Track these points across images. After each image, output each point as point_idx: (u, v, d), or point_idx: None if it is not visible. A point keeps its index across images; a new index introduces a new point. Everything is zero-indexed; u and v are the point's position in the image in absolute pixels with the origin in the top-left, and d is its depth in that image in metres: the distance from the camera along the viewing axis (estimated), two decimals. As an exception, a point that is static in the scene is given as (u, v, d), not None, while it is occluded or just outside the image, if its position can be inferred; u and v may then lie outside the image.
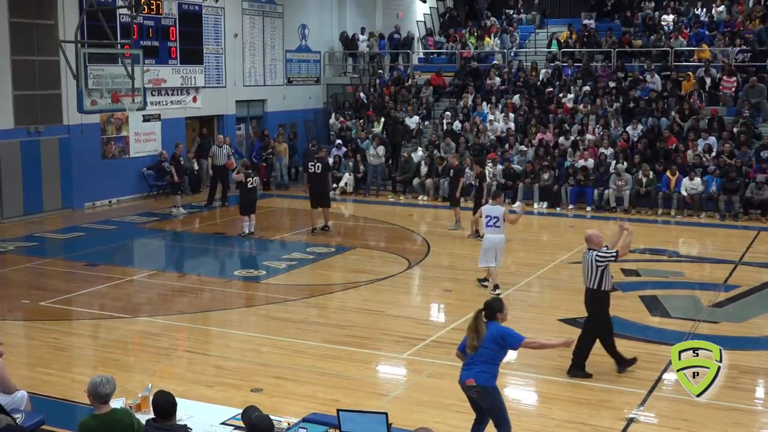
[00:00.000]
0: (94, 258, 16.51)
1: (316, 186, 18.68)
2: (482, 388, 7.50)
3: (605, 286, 10.07)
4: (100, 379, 6.32)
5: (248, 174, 18.06)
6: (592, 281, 10.04)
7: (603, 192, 21.85)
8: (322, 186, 18.72)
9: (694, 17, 28.91)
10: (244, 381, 9.91)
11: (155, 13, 23.28)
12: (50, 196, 20.87)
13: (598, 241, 10.17)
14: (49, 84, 20.60)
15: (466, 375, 7.54)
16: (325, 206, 18.85)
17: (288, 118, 28.17)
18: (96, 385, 6.29)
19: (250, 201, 18.13)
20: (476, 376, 7.48)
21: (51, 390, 9.60)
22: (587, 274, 10.09)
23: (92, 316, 12.97)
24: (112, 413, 6.36)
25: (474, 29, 31.23)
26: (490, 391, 7.54)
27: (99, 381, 6.31)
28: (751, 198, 20.57)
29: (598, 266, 9.94)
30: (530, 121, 25.11)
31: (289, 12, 28.60)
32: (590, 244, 10.15)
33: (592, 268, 9.98)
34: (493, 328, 7.55)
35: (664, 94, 24.86)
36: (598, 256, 9.94)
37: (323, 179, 18.76)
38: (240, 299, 14.16)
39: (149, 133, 23.62)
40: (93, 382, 6.32)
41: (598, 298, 10.11)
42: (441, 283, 14.77)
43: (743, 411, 9.21)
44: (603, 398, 9.50)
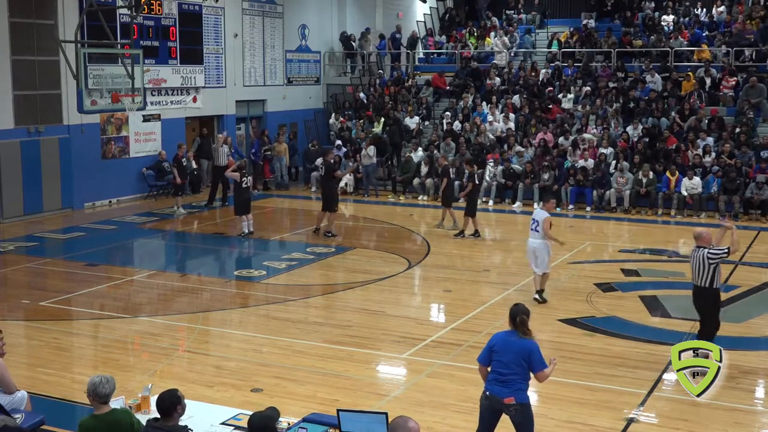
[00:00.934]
0: (94, 258, 16.52)
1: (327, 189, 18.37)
2: (521, 406, 7.22)
3: (716, 284, 10.08)
4: (99, 379, 6.33)
5: (242, 174, 18.07)
6: (703, 279, 10.05)
7: (603, 192, 21.85)
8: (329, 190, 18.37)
9: (694, 17, 28.90)
10: (244, 381, 9.91)
11: (155, 13, 23.28)
12: (50, 196, 20.87)
13: (707, 238, 10.19)
14: (49, 84, 20.60)
15: (504, 392, 7.17)
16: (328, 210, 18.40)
17: (288, 118, 28.17)
18: (96, 384, 6.30)
19: (245, 201, 18.13)
20: (515, 394, 7.17)
21: (51, 390, 9.60)
22: (698, 272, 10.08)
23: (92, 316, 12.97)
24: (111, 413, 6.37)
25: (474, 29, 31.25)
26: (528, 408, 7.31)
27: (98, 381, 6.31)
28: (751, 198, 20.57)
29: (710, 263, 9.95)
30: (530, 121, 25.12)
31: (289, 12, 28.60)
32: (700, 242, 10.16)
33: (704, 266, 9.98)
34: (520, 340, 7.26)
35: (664, 94, 24.87)
36: (710, 253, 9.96)
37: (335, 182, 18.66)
38: (240, 299, 14.16)
39: (149, 133, 23.62)
40: (92, 381, 6.32)
41: (710, 296, 10.13)
42: (441, 284, 14.77)
43: (743, 411, 9.21)
44: (603, 398, 9.49)
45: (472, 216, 18.32)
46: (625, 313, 12.82)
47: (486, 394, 7.26)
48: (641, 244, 18.27)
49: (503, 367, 7.20)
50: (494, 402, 7.23)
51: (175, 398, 6.20)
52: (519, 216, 21.90)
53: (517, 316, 7.31)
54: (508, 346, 7.23)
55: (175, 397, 6.20)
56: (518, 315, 7.31)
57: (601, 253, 17.38)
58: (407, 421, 5.38)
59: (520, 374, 7.19)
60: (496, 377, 7.25)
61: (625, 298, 13.64)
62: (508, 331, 7.36)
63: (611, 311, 12.91)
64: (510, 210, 22.36)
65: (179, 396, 6.22)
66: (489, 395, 7.25)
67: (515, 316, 7.32)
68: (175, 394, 6.24)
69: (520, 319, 7.29)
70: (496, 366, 7.25)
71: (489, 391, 7.24)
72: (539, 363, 7.22)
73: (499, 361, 7.24)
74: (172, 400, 6.20)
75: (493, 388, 7.23)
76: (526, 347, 7.21)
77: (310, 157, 25.76)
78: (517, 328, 7.29)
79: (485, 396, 7.28)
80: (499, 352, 7.26)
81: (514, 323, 7.31)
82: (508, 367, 7.19)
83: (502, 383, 7.20)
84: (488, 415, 7.33)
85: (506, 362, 7.19)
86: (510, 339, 7.28)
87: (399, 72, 29.69)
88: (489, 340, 7.45)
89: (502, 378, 7.21)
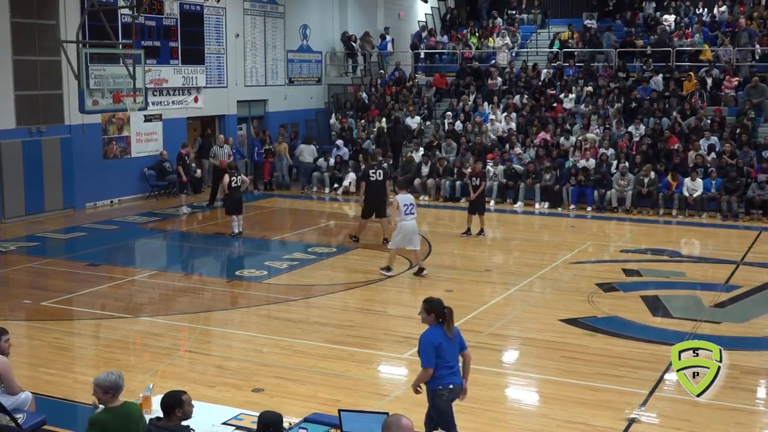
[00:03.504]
0: (95, 258, 16.52)
1: (377, 194, 17.58)
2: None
3: None
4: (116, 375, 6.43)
5: (232, 173, 18.07)
6: None
7: (604, 192, 21.85)
8: (382, 195, 17.80)
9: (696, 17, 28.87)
10: (246, 381, 9.91)
11: (157, 13, 23.29)
12: (52, 196, 20.88)
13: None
14: (50, 84, 20.61)
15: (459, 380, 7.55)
16: (382, 215, 17.71)
17: (289, 118, 28.17)
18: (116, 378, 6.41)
19: (236, 201, 18.12)
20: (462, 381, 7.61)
21: (53, 390, 9.61)
22: None
23: (94, 316, 12.98)
24: (124, 405, 6.46)
25: (475, 29, 31.26)
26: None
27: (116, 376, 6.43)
28: (752, 198, 20.56)
29: None
30: (532, 121, 25.13)
31: (291, 12, 28.61)
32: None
33: None
34: (456, 330, 7.62)
35: (666, 94, 24.86)
36: None
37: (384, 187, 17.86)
38: (241, 299, 14.16)
39: (151, 133, 23.62)
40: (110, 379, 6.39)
41: None
42: (442, 284, 14.74)
43: (745, 411, 9.21)
44: (604, 398, 9.49)
45: (481, 214, 18.35)
46: (626, 313, 12.82)
47: (450, 387, 7.48)
48: (643, 244, 18.27)
49: (452, 358, 7.51)
50: (457, 392, 7.57)
51: (176, 400, 6.20)
52: (520, 216, 21.91)
53: (444, 308, 7.55)
54: (450, 339, 7.49)
55: (175, 399, 6.21)
56: (444, 308, 7.56)
57: (603, 253, 17.38)
58: (400, 419, 5.38)
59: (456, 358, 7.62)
60: (450, 371, 7.49)
61: (627, 298, 13.64)
62: (437, 326, 7.52)
63: (613, 311, 12.90)
64: (511, 210, 22.35)
65: (181, 399, 6.21)
66: (453, 387, 7.51)
67: (442, 309, 7.55)
68: (176, 396, 6.24)
69: (448, 311, 7.56)
70: (447, 361, 7.46)
71: (452, 384, 7.50)
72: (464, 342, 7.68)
73: (448, 355, 7.47)
74: (172, 401, 6.20)
75: (454, 380, 7.51)
76: (459, 333, 7.65)
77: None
78: (446, 319, 7.54)
79: (449, 390, 7.49)
80: (444, 348, 7.46)
81: (443, 316, 7.53)
82: (454, 357, 7.54)
83: (456, 374, 7.54)
84: (450, 407, 7.63)
85: (453, 353, 7.52)
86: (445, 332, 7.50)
87: (400, 72, 29.69)
88: (424, 343, 7.45)
89: (455, 369, 7.54)
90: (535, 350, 11.31)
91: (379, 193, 17.66)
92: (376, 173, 17.56)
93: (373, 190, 17.49)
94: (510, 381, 10.42)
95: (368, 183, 17.46)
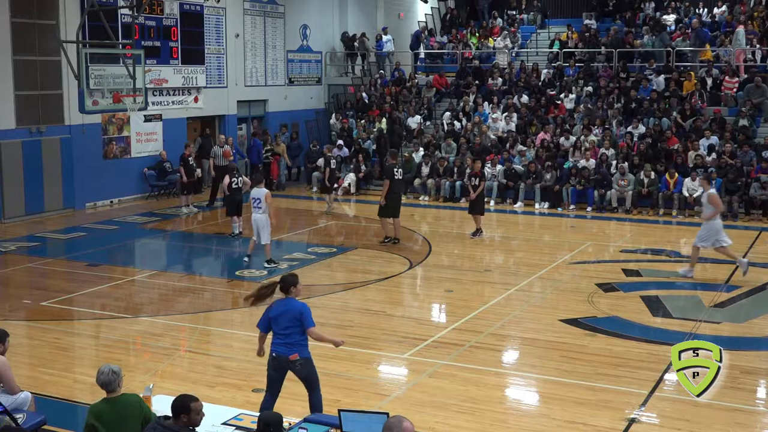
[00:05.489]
0: (95, 258, 16.52)
1: (397, 194, 17.63)
2: (305, 360, 8.13)
3: None
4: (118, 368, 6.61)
5: (233, 174, 18.08)
6: None
7: (604, 192, 21.85)
8: (400, 195, 17.94)
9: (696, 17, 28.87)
10: (246, 381, 9.91)
11: (157, 14, 23.29)
12: (52, 196, 20.88)
13: None
14: (50, 84, 20.61)
15: (288, 351, 8.06)
16: (397, 216, 17.70)
17: (289, 118, 28.19)
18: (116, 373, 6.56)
19: (236, 202, 18.12)
20: (299, 350, 8.09)
21: (52, 390, 9.61)
22: None
23: (94, 316, 12.98)
24: (122, 396, 6.58)
25: (475, 29, 31.26)
26: (310, 362, 8.20)
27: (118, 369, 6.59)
28: (753, 198, 20.55)
29: None
30: (531, 121, 25.13)
31: (291, 12, 28.61)
32: None
33: None
34: (291, 303, 8.13)
35: (666, 94, 24.86)
36: None
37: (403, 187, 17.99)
38: (241, 299, 14.13)
39: (151, 133, 23.62)
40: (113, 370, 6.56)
41: None
42: (442, 284, 14.77)
43: (745, 411, 9.20)
44: (604, 398, 9.49)
45: (480, 214, 18.35)
46: (626, 313, 12.82)
47: (273, 355, 8.14)
48: (642, 244, 18.27)
49: (283, 330, 8.07)
50: (281, 361, 8.10)
51: (183, 406, 6.17)
52: (520, 216, 21.91)
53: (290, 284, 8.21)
54: (284, 312, 8.10)
55: (183, 405, 6.18)
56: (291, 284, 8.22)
57: (603, 254, 17.38)
58: (401, 421, 5.37)
59: (297, 333, 8.07)
60: (279, 340, 8.12)
61: (627, 299, 13.64)
62: (282, 299, 8.22)
63: (612, 311, 12.90)
64: (511, 210, 22.36)
65: (188, 406, 6.16)
66: (275, 356, 8.11)
67: (289, 284, 8.21)
68: (185, 401, 6.20)
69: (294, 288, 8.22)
70: (277, 330, 8.13)
71: (275, 353, 8.12)
72: (309, 321, 8.09)
73: (278, 326, 8.12)
74: (179, 406, 6.19)
75: (278, 349, 8.11)
76: (298, 308, 8.11)
77: (311, 158, 25.78)
78: (290, 294, 8.20)
79: (272, 357, 8.15)
80: (276, 318, 8.12)
81: (288, 291, 8.20)
82: (287, 329, 8.06)
83: (285, 345, 8.08)
84: (275, 374, 8.20)
85: (285, 325, 8.05)
86: (285, 305, 8.15)
87: (400, 72, 29.69)
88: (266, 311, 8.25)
89: (283, 340, 8.09)
90: (535, 350, 11.31)
91: (400, 192, 17.81)
92: (398, 171, 17.59)
93: (396, 189, 17.50)
94: (510, 381, 10.42)
95: (392, 181, 17.42)
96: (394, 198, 17.43)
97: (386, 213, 17.55)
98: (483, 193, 18.61)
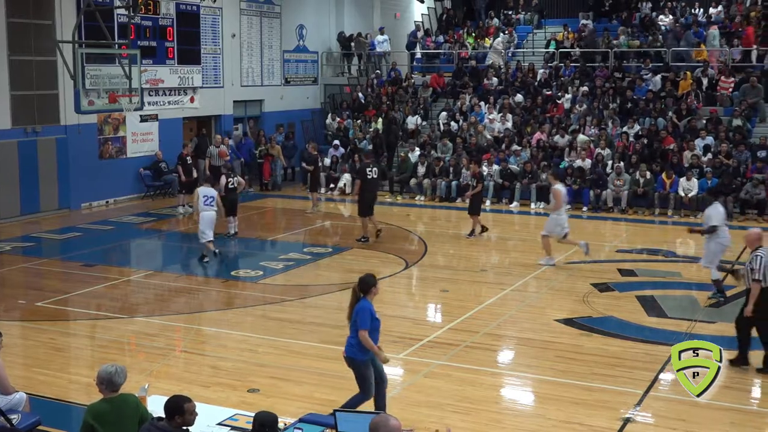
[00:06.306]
0: (91, 258, 16.50)
1: (370, 193, 17.87)
2: (349, 359, 8.34)
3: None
4: (114, 369, 6.51)
5: (228, 174, 18.07)
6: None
7: (600, 192, 21.86)
8: (375, 193, 18.15)
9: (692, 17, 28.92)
10: (241, 381, 9.90)
11: (153, 14, 23.26)
12: (47, 197, 20.85)
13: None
14: (46, 84, 20.58)
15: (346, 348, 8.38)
16: (371, 215, 17.94)
17: (285, 119, 28.17)
18: (111, 374, 6.48)
19: (232, 202, 18.11)
20: (346, 349, 8.35)
21: (47, 390, 9.59)
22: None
23: (89, 316, 12.96)
24: (120, 396, 6.55)
25: (472, 29, 31.27)
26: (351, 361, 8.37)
27: (114, 371, 6.49)
28: (748, 198, 20.57)
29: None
30: (528, 121, 25.15)
31: (287, 12, 28.60)
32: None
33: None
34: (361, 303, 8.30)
35: (662, 94, 24.88)
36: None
37: (377, 186, 18.26)
38: (237, 299, 14.15)
39: (146, 133, 23.60)
40: (108, 371, 6.49)
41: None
42: (438, 284, 14.77)
43: (740, 411, 9.21)
44: (600, 398, 9.50)
45: (476, 214, 18.37)
46: (621, 313, 12.83)
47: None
48: (638, 244, 18.28)
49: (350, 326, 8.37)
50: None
51: (177, 407, 6.16)
52: (516, 216, 21.92)
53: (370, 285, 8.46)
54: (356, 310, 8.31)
55: (177, 406, 6.17)
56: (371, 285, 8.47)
57: (598, 253, 17.35)
58: (388, 419, 5.35)
59: (351, 331, 8.34)
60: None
61: (622, 298, 13.65)
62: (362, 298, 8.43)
63: (608, 311, 12.91)
64: (507, 210, 22.36)
65: (182, 407, 6.15)
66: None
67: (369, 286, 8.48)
68: (179, 402, 6.19)
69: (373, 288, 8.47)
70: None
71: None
72: (360, 322, 8.19)
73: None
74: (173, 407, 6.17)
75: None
76: (358, 307, 8.28)
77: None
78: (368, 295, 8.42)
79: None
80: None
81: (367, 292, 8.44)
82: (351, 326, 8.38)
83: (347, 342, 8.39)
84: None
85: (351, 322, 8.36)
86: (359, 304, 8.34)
87: (397, 72, 29.69)
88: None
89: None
90: (531, 350, 11.31)
91: (374, 191, 17.88)
92: (372, 171, 17.69)
93: (369, 188, 17.61)
94: (506, 381, 10.43)
95: (364, 180, 17.54)
96: (369, 197, 17.67)
97: (364, 211, 17.80)
98: (480, 195, 18.65)
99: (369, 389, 8.34)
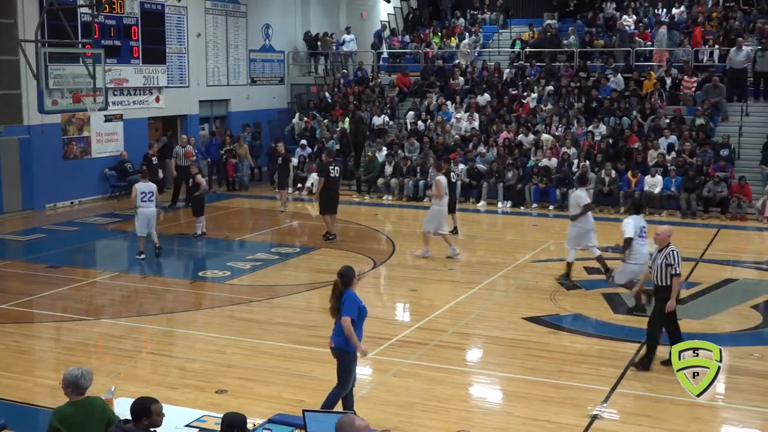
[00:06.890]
0: (55, 260, 16.32)
1: (333, 191, 17.93)
2: (337, 349, 8.28)
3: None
4: (80, 372, 6.38)
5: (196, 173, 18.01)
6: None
7: (566, 191, 22.00)
8: (337, 192, 18.18)
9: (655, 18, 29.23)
10: (209, 382, 9.85)
11: (117, 12, 23.05)
12: (10, 198, 20.60)
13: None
14: (8, 84, 20.33)
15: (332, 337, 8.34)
16: (335, 212, 18.11)
17: (252, 118, 28.05)
18: (77, 377, 6.36)
19: (200, 202, 18.03)
20: (333, 339, 8.29)
21: (12, 394, 9.48)
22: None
23: (54, 318, 12.81)
24: (86, 399, 6.45)
25: (438, 29, 31.36)
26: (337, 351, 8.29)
27: (79, 374, 6.37)
28: (711, 196, 20.82)
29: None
30: (493, 120, 25.27)
31: (253, 11, 28.49)
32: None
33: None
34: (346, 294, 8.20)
35: (626, 93, 25.12)
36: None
37: (338, 184, 18.36)
38: (204, 300, 14.08)
39: (111, 133, 23.40)
40: (73, 374, 6.36)
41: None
42: (406, 283, 14.80)
43: (705, 406, 9.30)
44: (567, 395, 9.57)
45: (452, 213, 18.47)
46: (588, 310, 12.94)
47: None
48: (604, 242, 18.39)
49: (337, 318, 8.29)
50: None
51: (144, 410, 6.10)
52: (483, 215, 22.01)
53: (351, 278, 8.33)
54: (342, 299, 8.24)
55: (143, 408, 6.10)
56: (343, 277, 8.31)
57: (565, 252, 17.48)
58: (354, 420, 5.34)
59: (337, 321, 8.26)
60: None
61: (589, 296, 13.77)
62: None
63: (575, 309, 13.02)
64: (474, 209, 22.44)
65: (149, 409, 6.09)
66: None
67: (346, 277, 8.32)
68: (145, 405, 6.12)
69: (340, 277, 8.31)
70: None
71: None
72: (346, 309, 8.11)
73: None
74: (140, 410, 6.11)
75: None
76: (345, 296, 8.19)
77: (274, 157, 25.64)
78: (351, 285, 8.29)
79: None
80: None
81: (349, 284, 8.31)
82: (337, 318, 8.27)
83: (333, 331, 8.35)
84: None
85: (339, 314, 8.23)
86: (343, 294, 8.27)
87: (363, 72, 29.70)
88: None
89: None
90: (499, 348, 11.37)
91: (336, 189, 17.98)
92: (334, 170, 17.81)
93: (331, 186, 17.72)
94: (474, 379, 10.47)
95: (327, 179, 17.65)
96: (331, 195, 17.77)
97: (325, 210, 17.86)
98: (454, 193, 18.69)
99: (347, 383, 8.31)
